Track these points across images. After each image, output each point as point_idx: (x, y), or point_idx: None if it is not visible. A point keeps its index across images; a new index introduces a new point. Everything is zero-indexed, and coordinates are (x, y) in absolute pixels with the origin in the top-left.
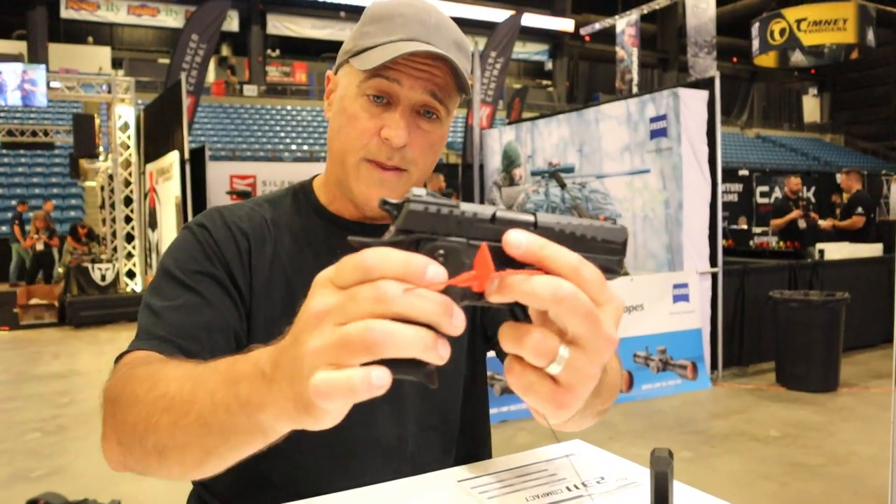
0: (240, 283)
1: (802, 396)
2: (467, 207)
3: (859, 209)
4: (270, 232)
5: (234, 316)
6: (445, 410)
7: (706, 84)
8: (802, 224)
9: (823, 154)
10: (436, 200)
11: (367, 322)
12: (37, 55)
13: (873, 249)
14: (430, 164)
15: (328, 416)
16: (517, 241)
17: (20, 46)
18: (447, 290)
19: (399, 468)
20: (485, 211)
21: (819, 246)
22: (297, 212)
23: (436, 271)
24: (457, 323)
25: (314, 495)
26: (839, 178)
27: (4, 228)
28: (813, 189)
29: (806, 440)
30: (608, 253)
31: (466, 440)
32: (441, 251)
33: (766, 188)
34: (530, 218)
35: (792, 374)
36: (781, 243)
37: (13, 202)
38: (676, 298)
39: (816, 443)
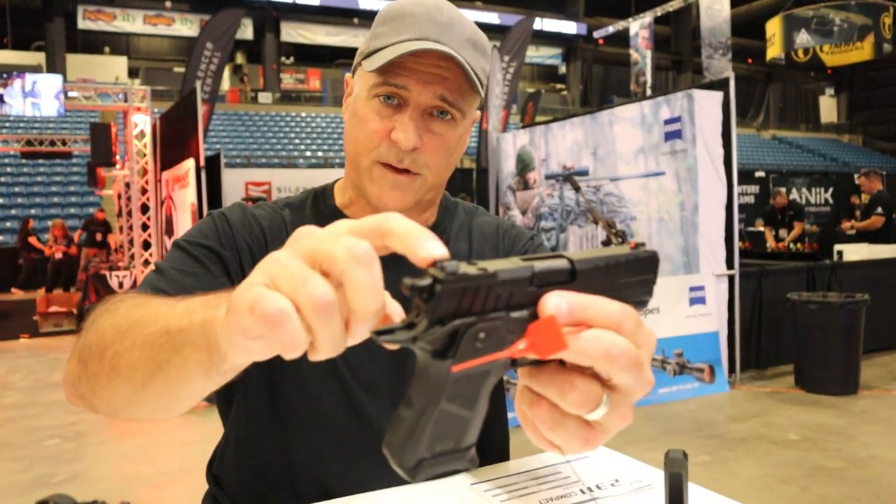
0: (247, 271)
1: (822, 399)
2: (504, 273)
3: (878, 209)
4: (288, 235)
5: None
6: None
7: (721, 85)
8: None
9: (841, 155)
10: (469, 274)
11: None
12: (55, 66)
13: (893, 250)
14: (445, 167)
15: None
16: (557, 307)
17: (39, 57)
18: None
19: None
20: (522, 272)
21: (838, 247)
22: (314, 215)
23: (437, 246)
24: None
25: (327, 498)
26: (857, 178)
27: None
28: (831, 190)
29: (826, 444)
30: (641, 273)
31: (484, 444)
32: (482, 334)
33: (782, 190)
34: (566, 265)
35: (811, 377)
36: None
37: (32, 211)
38: (693, 301)
39: (837, 446)
